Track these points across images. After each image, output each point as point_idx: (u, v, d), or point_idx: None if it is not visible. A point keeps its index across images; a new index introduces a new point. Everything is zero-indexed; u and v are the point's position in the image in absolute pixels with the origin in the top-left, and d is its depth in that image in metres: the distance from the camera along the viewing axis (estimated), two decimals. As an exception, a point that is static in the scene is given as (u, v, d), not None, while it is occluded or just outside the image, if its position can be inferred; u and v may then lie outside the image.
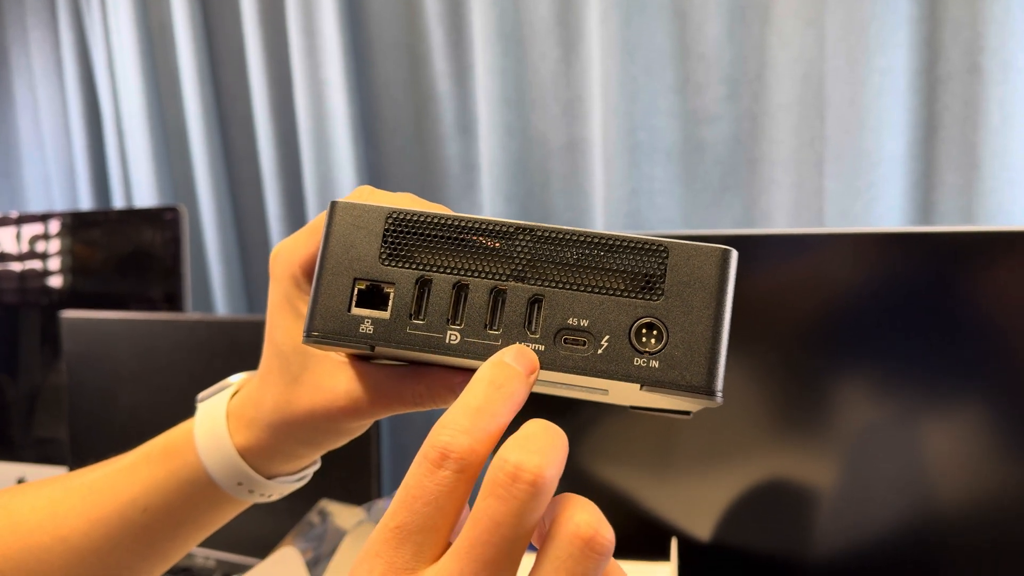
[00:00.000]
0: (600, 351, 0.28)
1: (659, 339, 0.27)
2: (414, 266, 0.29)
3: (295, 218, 1.40)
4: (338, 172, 1.30)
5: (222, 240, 1.46)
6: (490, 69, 1.15)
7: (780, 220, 1.04)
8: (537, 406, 0.37)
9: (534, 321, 0.28)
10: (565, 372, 0.28)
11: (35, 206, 1.78)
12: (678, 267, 0.27)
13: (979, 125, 0.92)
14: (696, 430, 0.81)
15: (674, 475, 0.83)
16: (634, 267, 0.28)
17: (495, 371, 0.26)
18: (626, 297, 0.28)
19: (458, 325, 0.28)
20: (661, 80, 1.07)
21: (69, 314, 1.14)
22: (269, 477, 0.40)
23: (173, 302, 1.24)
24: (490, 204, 1.18)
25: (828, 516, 0.78)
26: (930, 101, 0.96)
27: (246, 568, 0.93)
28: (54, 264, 1.35)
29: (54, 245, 1.35)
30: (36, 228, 1.37)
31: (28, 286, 1.38)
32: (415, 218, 0.29)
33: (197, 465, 0.39)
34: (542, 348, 0.28)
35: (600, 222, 1.12)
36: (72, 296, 1.34)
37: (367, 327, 0.29)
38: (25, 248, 1.38)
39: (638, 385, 0.28)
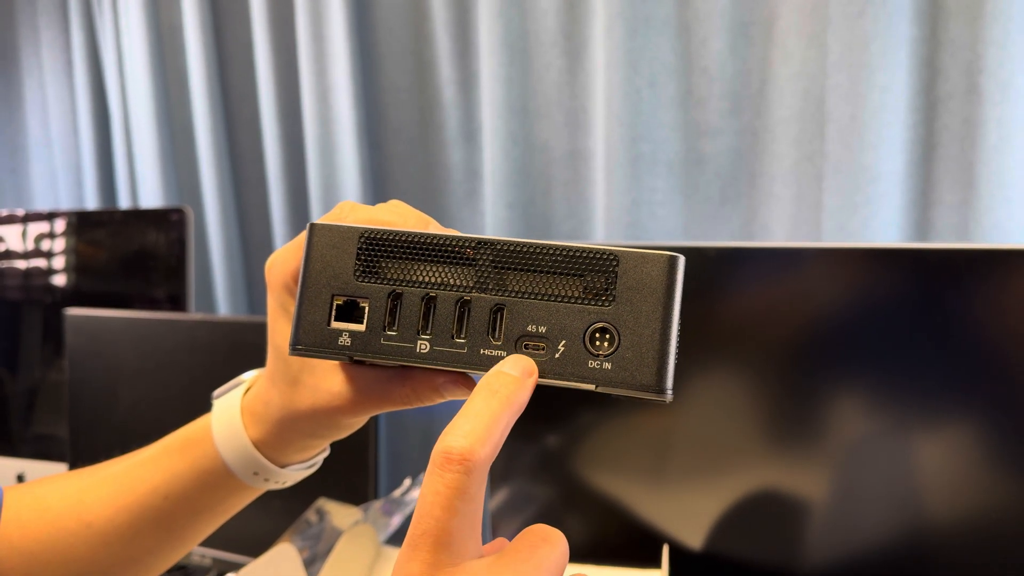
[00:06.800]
0: (557, 355, 0.29)
1: (611, 342, 0.29)
2: (386, 281, 0.31)
3: (299, 221, 1.41)
4: (342, 175, 1.31)
5: (226, 241, 1.47)
6: (495, 77, 1.16)
7: (778, 233, 1.05)
8: (533, 414, 0.38)
9: (497, 329, 0.30)
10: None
11: (41, 204, 1.79)
12: (627, 274, 0.29)
13: (977, 144, 0.93)
14: (689, 440, 0.82)
15: (667, 484, 0.83)
16: (587, 275, 0.29)
17: (492, 379, 0.28)
18: (580, 304, 0.29)
19: (428, 335, 0.30)
20: (664, 93, 1.08)
21: (73, 311, 1.15)
22: (282, 466, 0.42)
23: (176, 302, 1.25)
24: (492, 211, 1.19)
25: (819, 527, 0.79)
26: (929, 120, 0.97)
27: (242, 567, 0.93)
28: (58, 262, 1.36)
29: (59, 244, 1.36)
30: (42, 226, 1.38)
31: (32, 283, 1.39)
32: (386, 236, 0.31)
33: (215, 456, 0.42)
34: (504, 354, 0.30)
35: (601, 232, 1.13)
36: (76, 295, 1.35)
37: (345, 339, 0.31)
38: (30, 246, 1.39)
39: (593, 385, 0.29)
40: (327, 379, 0.36)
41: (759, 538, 0.81)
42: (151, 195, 1.53)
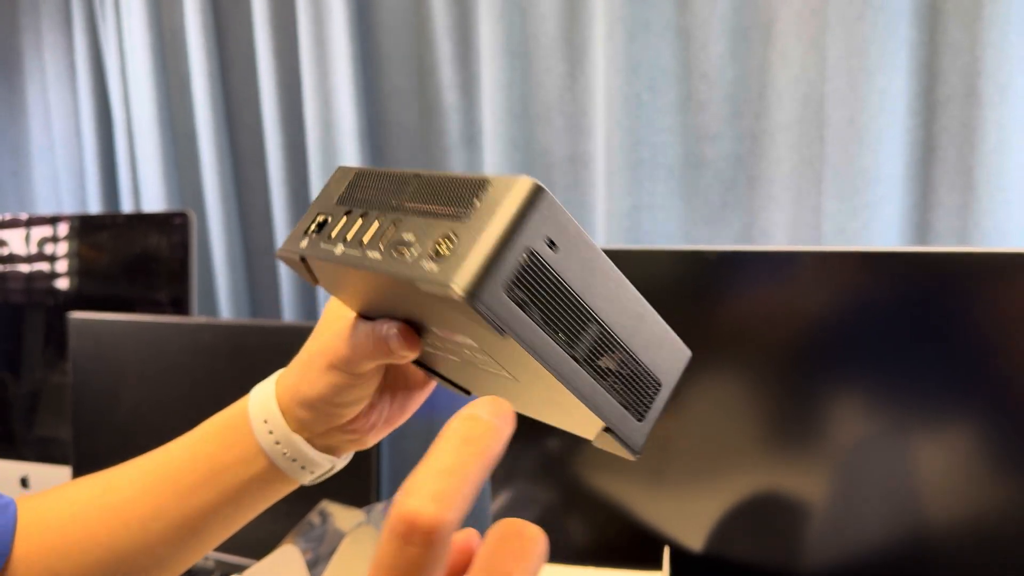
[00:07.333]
0: (408, 258, 0.31)
1: (450, 249, 0.30)
2: (346, 204, 0.37)
3: (301, 225, 1.42)
4: (344, 180, 1.32)
5: (228, 244, 1.47)
6: (496, 82, 1.17)
7: (779, 237, 1.06)
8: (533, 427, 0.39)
9: (385, 237, 0.33)
10: (370, 270, 0.33)
11: (44, 208, 1.80)
12: (491, 195, 0.30)
13: (976, 147, 0.93)
14: (690, 442, 0.83)
15: (668, 486, 0.84)
16: (460, 196, 0.31)
17: (466, 425, 0.24)
18: (445, 219, 0.31)
19: (345, 242, 0.35)
20: (664, 97, 1.09)
21: (77, 315, 1.15)
22: (303, 436, 0.46)
23: (179, 306, 1.26)
24: (493, 215, 1.20)
25: (819, 529, 0.79)
26: (928, 123, 0.97)
27: (245, 569, 0.94)
28: (61, 266, 1.37)
29: (62, 247, 1.37)
30: (45, 230, 1.39)
31: (35, 287, 1.40)
32: (368, 173, 0.37)
33: (247, 431, 0.47)
34: (379, 256, 0.33)
35: (601, 235, 1.14)
36: (78, 298, 1.35)
37: (303, 243, 0.37)
38: (33, 250, 1.40)
39: (413, 279, 0.30)
40: (336, 326, 0.43)
41: (760, 539, 0.81)
42: (154, 199, 1.54)
